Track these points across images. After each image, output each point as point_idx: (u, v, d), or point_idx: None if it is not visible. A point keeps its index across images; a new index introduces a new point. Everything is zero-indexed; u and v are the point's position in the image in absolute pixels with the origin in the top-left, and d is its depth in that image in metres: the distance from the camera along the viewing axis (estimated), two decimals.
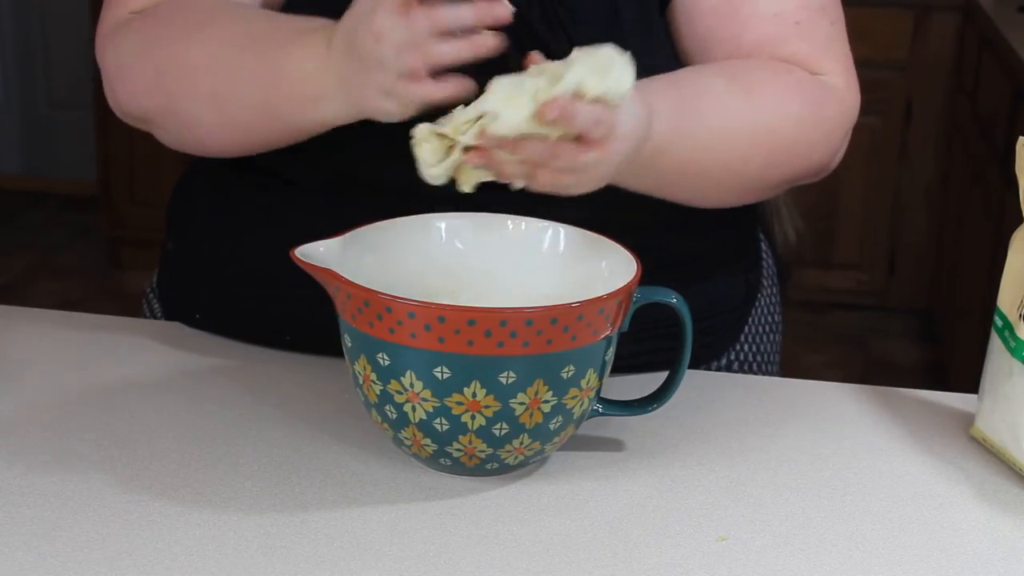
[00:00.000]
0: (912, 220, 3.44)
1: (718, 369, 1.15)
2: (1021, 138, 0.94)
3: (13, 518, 0.84)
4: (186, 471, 0.90)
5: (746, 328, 1.18)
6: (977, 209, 2.85)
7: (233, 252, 1.10)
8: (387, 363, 0.85)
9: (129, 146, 3.75)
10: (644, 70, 0.98)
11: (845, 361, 3.38)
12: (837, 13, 1.09)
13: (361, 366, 0.87)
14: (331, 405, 0.99)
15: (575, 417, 0.89)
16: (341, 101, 0.95)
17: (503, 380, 0.84)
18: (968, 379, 1.23)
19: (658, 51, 1.07)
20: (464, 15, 0.88)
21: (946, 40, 3.28)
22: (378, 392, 0.87)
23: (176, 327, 1.13)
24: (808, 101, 1.04)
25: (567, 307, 0.84)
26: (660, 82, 0.98)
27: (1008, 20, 2.84)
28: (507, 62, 0.89)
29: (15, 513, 0.84)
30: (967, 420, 1.01)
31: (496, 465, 0.88)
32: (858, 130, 1.13)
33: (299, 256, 0.87)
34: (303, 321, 1.05)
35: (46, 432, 0.94)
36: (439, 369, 0.83)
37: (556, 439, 0.89)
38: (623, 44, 0.94)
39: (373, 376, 0.86)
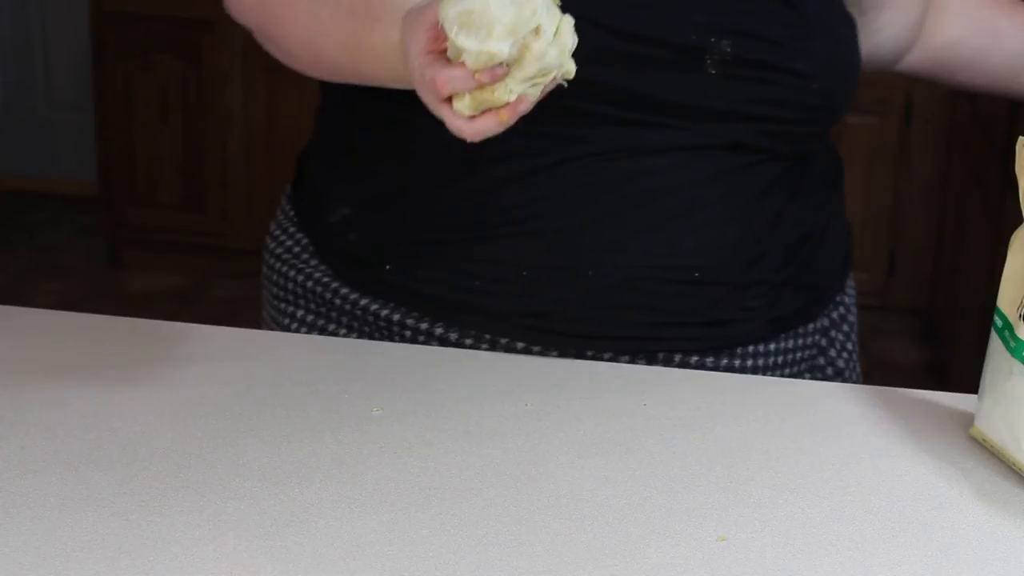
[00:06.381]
0: (912, 220, 3.44)
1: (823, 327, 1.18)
2: (1021, 138, 0.94)
3: (13, 518, 0.84)
4: (186, 471, 0.90)
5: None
6: (977, 209, 2.85)
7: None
8: None
9: (129, 146, 3.75)
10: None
11: None
12: None
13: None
14: (331, 405, 0.99)
15: None
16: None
17: None
18: (968, 379, 1.23)
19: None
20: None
21: None
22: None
23: (177, 327, 1.14)
24: None
25: None
26: None
27: None
28: None
29: (15, 513, 0.84)
30: (967, 420, 1.01)
31: None
32: (858, 130, 1.14)
33: None
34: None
35: (46, 432, 0.94)
36: None
37: None
38: None
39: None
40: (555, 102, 0.90)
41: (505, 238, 1.07)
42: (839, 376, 1.18)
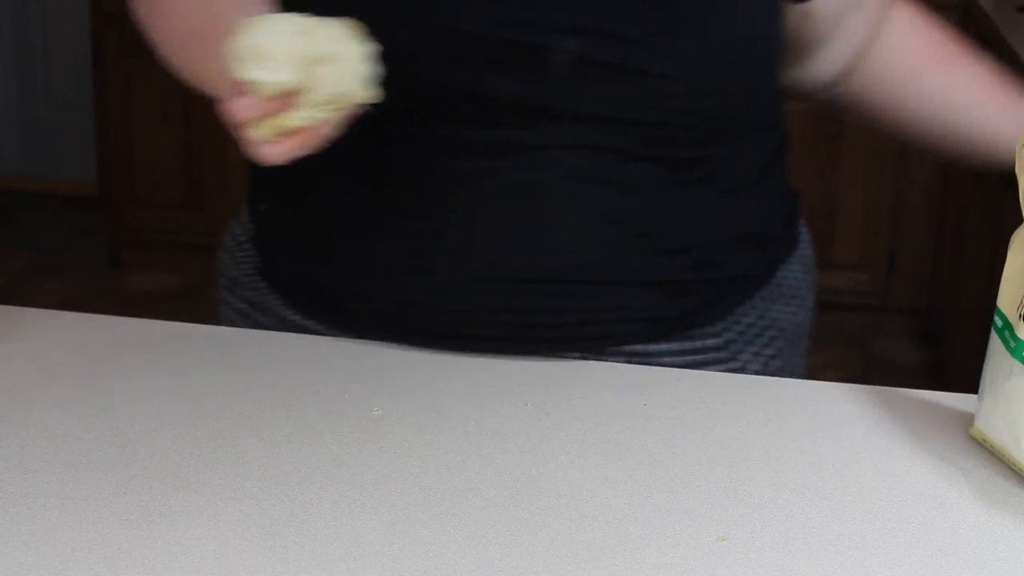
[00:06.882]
0: (912, 220, 3.44)
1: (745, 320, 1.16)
2: (1021, 138, 0.94)
3: (13, 518, 0.84)
4: (186, 471, 0.90)
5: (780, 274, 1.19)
6: (977, 209, 2.85)
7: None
8: None
9: (129, 146, 3.75)
10: None
11: (845, 361, 3.38)
12: None
13: None
14: (331, 405, 0.99)
15: None
16: None
17: None
18: (968, 379, 1.23)
19: None
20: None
21: None
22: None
23: (177, 327, 1.14)
24: None
25: None
26: None
27: (1008, 20, 2.84)
28: None
29: (15, 513, 0.84)
30: (967, 420, 1.01)
31: None
32: (858, 130, 1.14)
33: None
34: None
35: (46, 432, 0.94)
36: None
37: None
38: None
39: None
40: (401, 103, 0.92)
41: (355, 240, 1.09)
42: None
